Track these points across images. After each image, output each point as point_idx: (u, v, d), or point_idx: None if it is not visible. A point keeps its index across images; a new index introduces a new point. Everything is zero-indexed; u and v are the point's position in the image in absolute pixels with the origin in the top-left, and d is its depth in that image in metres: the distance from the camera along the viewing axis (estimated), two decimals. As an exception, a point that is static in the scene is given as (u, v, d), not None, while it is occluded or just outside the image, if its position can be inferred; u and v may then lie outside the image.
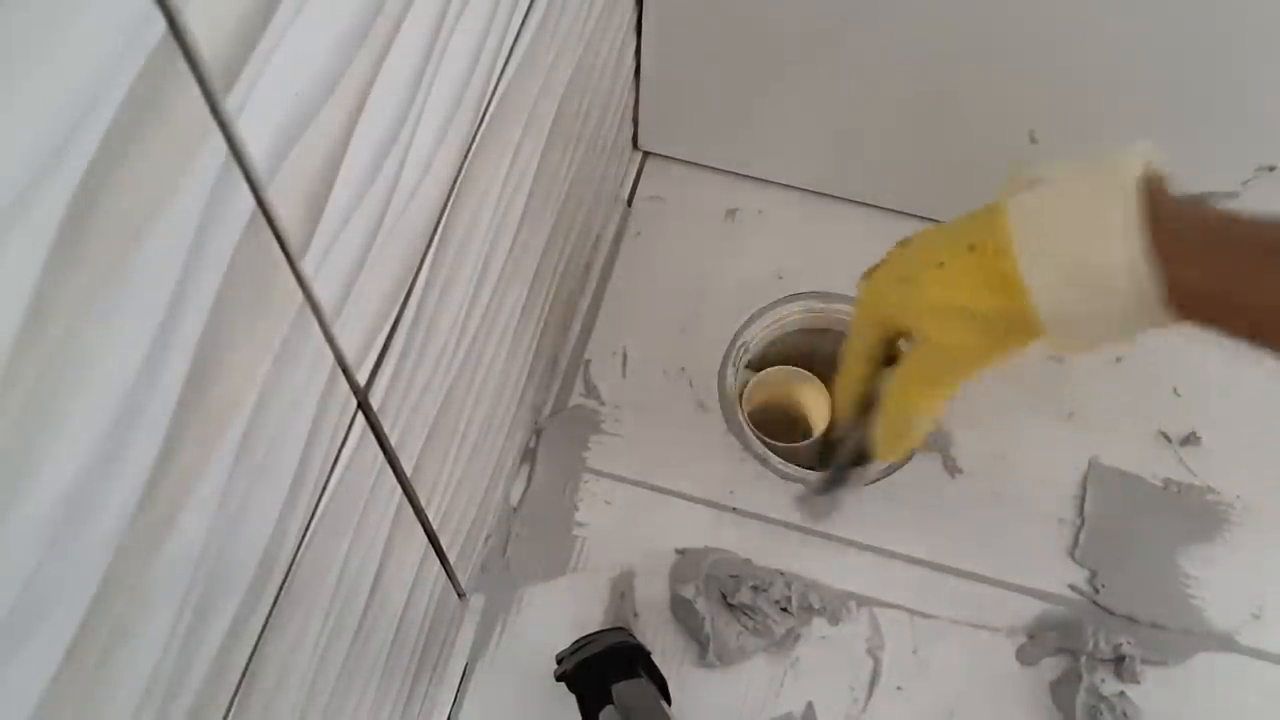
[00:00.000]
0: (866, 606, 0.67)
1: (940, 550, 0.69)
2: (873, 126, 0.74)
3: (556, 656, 0.61)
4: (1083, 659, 0.65)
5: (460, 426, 0.54)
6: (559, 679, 0.59)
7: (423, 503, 0.51)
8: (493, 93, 0.45)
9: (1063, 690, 0.65)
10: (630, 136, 0.82)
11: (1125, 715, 0.63)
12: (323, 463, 0.37)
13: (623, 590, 0.67)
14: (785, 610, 0.66)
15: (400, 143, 0.36)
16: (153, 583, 0.28)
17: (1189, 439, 0.73)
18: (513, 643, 0.66)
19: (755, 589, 0.66)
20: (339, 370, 0.37)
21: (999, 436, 0.73)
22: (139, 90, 0.22)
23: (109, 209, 0.22)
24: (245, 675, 0.36)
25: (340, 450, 0.39)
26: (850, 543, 0.69)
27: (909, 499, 0.71)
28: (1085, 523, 0.70)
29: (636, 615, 0.67)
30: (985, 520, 0.70)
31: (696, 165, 0.82)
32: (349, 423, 0.39)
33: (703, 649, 0.65)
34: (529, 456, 0.72)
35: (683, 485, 0.71)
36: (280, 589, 0.37)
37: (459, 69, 0.40)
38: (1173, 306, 0.40)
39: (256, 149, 0.27)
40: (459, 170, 0.43)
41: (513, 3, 0.45)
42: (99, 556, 0.26)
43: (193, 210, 0.25)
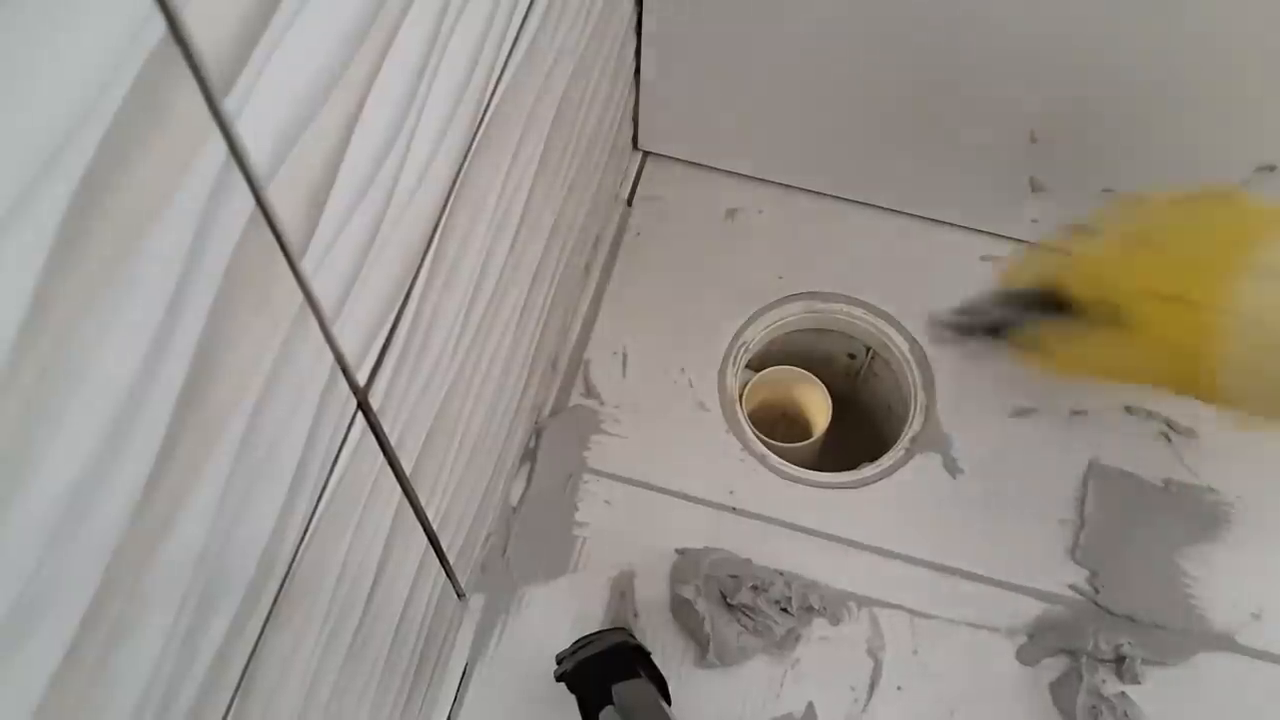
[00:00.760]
0: (866, 606, 0.67)
1: (940, 550, 0.69)
2: (873, 126, 0.74)
3: (556, 656, 0.61)
4: (1083, 659, 0.65)
5: (460, 426, 0.54)
6: (559, 679, 0.59)
7: (423, 503, 0.51)
8: (492, 93, 0.45)
9: (1063, 690, 0.65)
10: (630, 136, 0.82)
11: (1126, 715, 0.63)
12: (322, 463, 0.38)
13: (623, 590, 0.67)
14: (785, 610, 0.66)
15: (400, 143, 0.36)
16: (152, 583, 0.28)
17: (1189, 439, 0.73)
18: (513, 643, 0.66)
19: (755, 589, 0.66)
20: (339, 370, 0.37)
21: (999, 436, 0.73)
22: (139, 90, 0.22)
23: (109, 209, 0.22)
24: (245, 675, 0.36)
25: (340, 450, 0.39)
26: (850, 543, 0.69)
27: (909, 499, 0.71)
28: (1085, 523, 0.70)
29: (636, 615, 0.67)
30: (985, 520, 0.70)
31: (696, 165, 0.82)
32: (349, 423, 0.39)
33: (703, 649, 0.65)
34: (529, 456, 0.72)
35: (683, 485, 0.71)
36: (280, 589, 0.37)
37: (459, 69, 0.40)
38: None
39: (256, 149, 0.27)
40: (459, 170, 0.43)
41: (513, 3, 0.45)
42: (98, 556, 0.26)
43: (193, 210, 0.25)
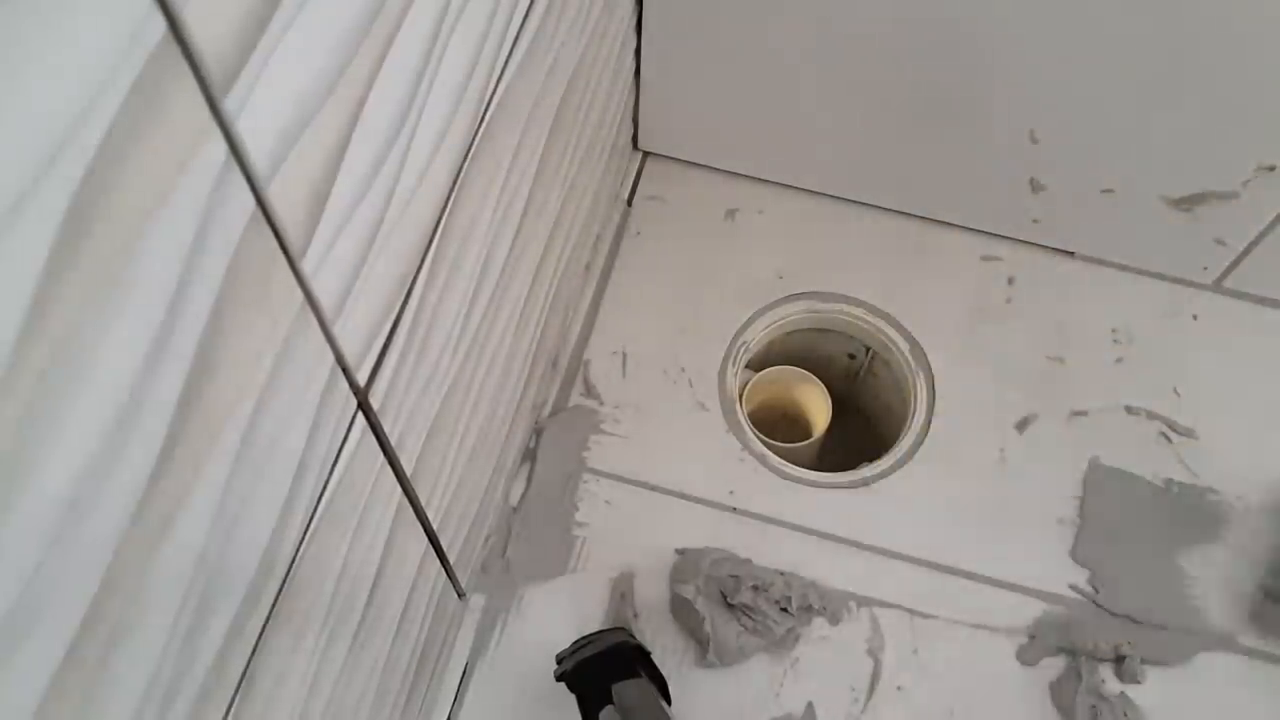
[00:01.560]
0: (866, 606, 0.67)
1: (940, 550, 0.69)
2: (873, 126, 0.74)
3: (556, 656, 0.61)
4: (1083, 659, 0.65)
5: (460, 426, 0.54)
6: (559, 679, 0.59)
7: (423, 503, 0.51)
8: (493, 93, 0.45)
9: (1063, 690, 0.65)
10: (630, 136, 0.82)
11: (1126, 715, 0.63)
12: (322, 462, 0.37)
13: (623, 590, 0.67)
14: (785, 610, 0.66)
15: (400, 143, 0.36)
16: (152, 582, 0.28)
17: (1189, 439, 0.73)
18: (513, 643, 0.66)
19: (755, 589, 0.66)
20: (339, 370, 0.37)
21: (999, 436, 0.73)
22: (139, 90, 0.22)
23: (109, 209, 0.22)
24: (245, 675, 0.36)
25: (340, 450, 0.39)
26: (850, 543, 0.69)
27: (909, 499, 0.71)
28: (1085, 523, 0.70)
29: (636, 615, 0.67)
30: (985, 520, 0.70)
31: (696, 165, 0.82)
32: (349, 422, 0.39)
33: (703, 649, 0.65)
34: (529, 456, 0.72)
35: (683, 485, 0.71)
36: (280, 589, 0.37)
37: (459, 69, 0.40)
38: None
39: (256, 149, 0.27)
40: (459, 170, 0.43)
41: (513, 3, 0.45)
42: (99, 556, 0.26)
43: (193, 210, 0.25)
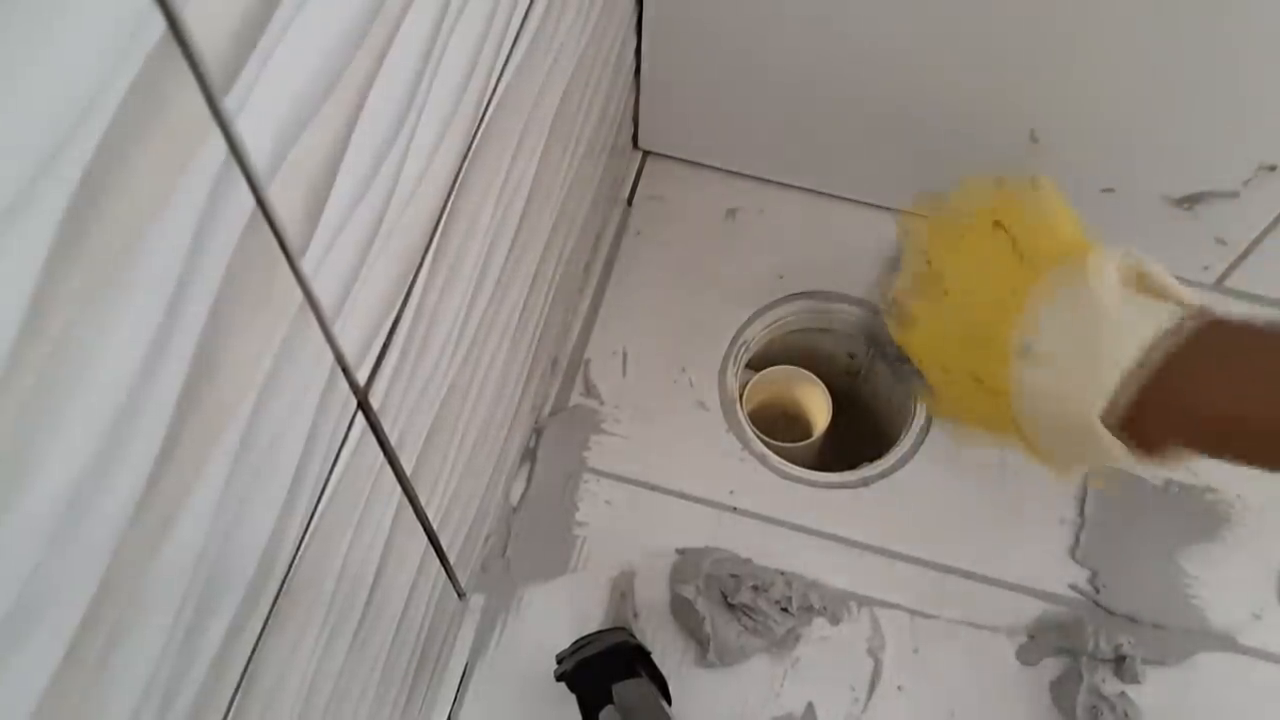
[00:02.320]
0: (866, 606, 0.67)
1: (940, 550, 0.69)
2: (873, 126, 0.74)
3: (556, 656, 0.61)
4: (1083, 659, 0.65)
5: (460, 426, 0.54)
6: (559, 679, 0.59)
7: (423, 503, 0.51)
8: (492, 93, 0.45)
9: (1063, 690, 0.65)
10: (630, 136, 0.82)
11: (1126, 715, 0.63)
12: (322, 462, 0.37)
13: (623, 590, 0.67)
14: (785, 610, 0.66)
15: (400, 142, 0.36)
16: (152, 582, 0.28)
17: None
18: (513, 643, 0.66)
19: (755, 589, 0.66)
20: (339, 369, 0.37)
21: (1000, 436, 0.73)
22: (139, 90, 0.22)
23: (109, 209, 0.22)
24: (245, 675, 0.36)
25: (340, 450, 0.39)
26: (850, 543, 0.69)
27: (909, 499, 0.71)
28: (1085, 523, 0.70)
29: (636, 615, 0.67)
30: (985, 520, 0.70)
31: (696, 165, 0.82)
32: (349, 422, 0.39)
33: (703, 649, 0.65)
34: (529, 456, 0.72)
35: (683, 485, 0.71)
36: (280, 589, 0.37)
37: (458, 69, 0.40)
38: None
39: (256, 148, 0.27)
40: (459, 170, 0.43)
41: (512, 3, 0.45)
42: (98, 556, 0.26)
43: (192, 210, 0.25)
